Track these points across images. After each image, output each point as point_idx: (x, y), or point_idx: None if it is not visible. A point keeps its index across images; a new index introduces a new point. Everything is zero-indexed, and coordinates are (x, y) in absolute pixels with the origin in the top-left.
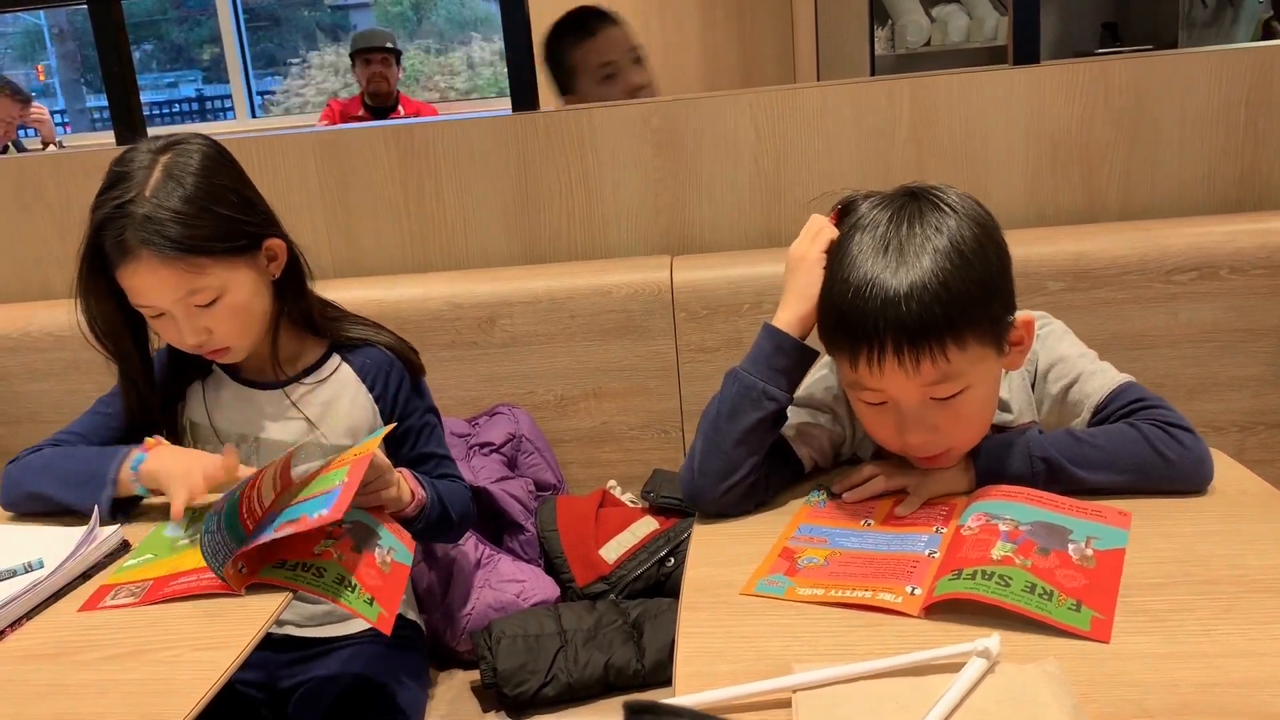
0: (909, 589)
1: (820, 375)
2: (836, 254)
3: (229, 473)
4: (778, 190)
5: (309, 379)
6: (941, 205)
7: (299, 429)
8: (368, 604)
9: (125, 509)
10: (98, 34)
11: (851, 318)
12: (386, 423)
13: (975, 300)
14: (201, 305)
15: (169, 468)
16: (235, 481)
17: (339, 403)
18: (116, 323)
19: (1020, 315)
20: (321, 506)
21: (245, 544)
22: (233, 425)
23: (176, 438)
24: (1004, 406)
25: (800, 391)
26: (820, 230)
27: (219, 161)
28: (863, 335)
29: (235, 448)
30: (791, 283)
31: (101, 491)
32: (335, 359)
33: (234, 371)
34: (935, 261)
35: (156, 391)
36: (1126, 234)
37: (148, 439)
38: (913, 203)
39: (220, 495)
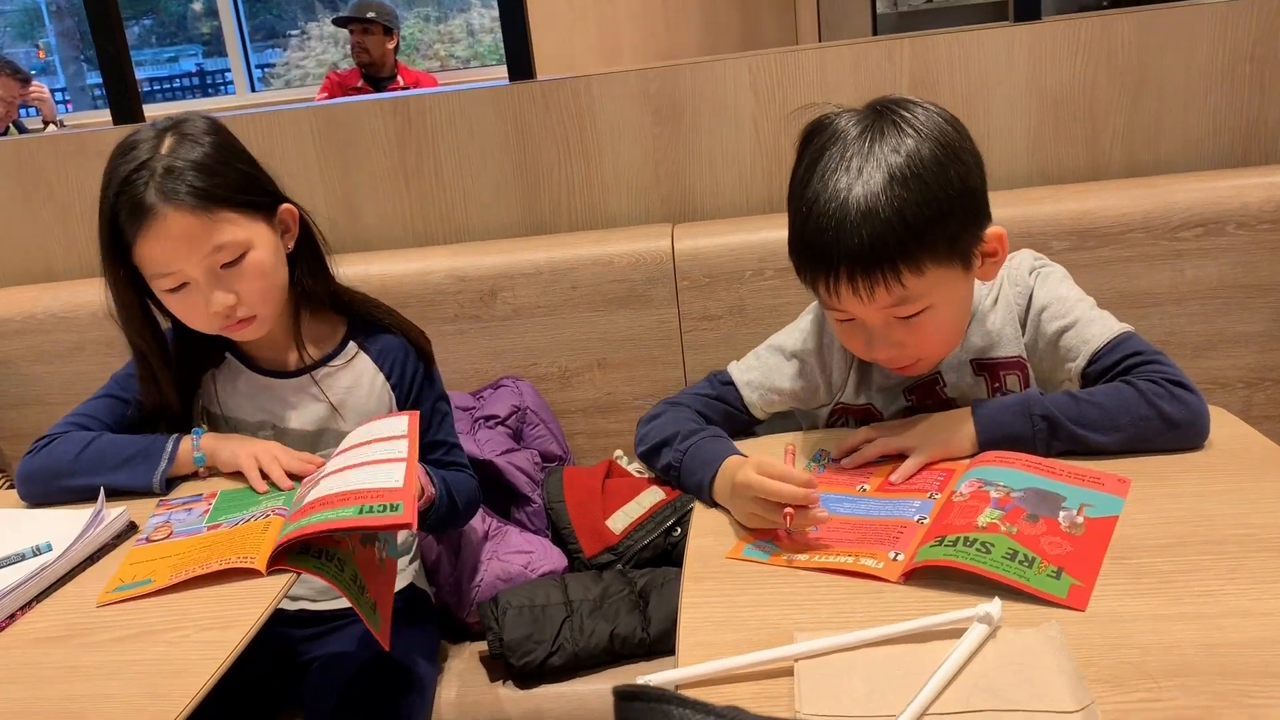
0: (892, 555)
1: (801, 325)
2: (805, 171)
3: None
4: (778, 155)
5: (329, 365)
6: (904, 124)
7: (319, 416)
8: (372, 610)
9: (169, 487)
10: (90, 14)
11: (808, 244)
12: (401, 410)
13: (930, 225)
14: (227, 265)
15: (236, 445)
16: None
17: (358, 390)
18: (136, 313)
19: (992, 229)
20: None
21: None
22: (251, 414)
23: (191, 428)
24: (987, 339)
25: (773, 340)
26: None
27: (224, 130)
28: (819, 262)
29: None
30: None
31: (157, 467)
32: (352, 346)
33: (249, 360)
34: (889, 188)
35: (175, 384)
36: (1131, 191)
37: (202, 423)
38: (878, 122)
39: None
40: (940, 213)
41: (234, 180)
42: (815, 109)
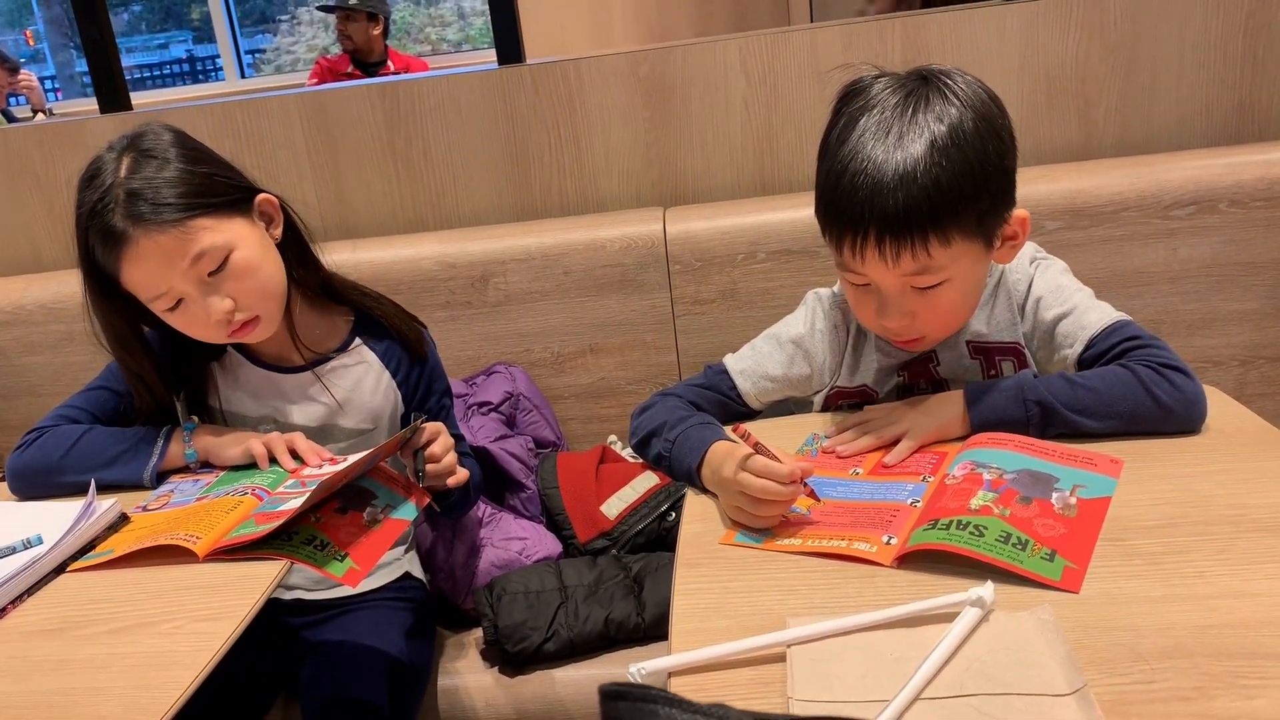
0: (885, 539)
1: (796, 315)
2: (842, 130)
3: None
4: (770, 136)
5: (334, 360)
6: (949, 93)
7: (323, 413)
8: (338, 560)
9: (160, 481)
10: (75, 0)
11: (840, 203)
12: (406, 407)
13: (964, 196)
14: (214, 271)
15: (229, 436)
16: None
17: (363, 387)
18: (129, 340)
19: (1017, 211)
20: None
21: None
22: (252, 409)
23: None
24: (986, 323)
25: (768, 330)
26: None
27: (183, 136)
28: (849, 221)
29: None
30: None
31: (147, 463)
32: (358, 341)
33: (252, 355)
34: (929, 155)
35: (169, 392)
36: (1124, 170)
37: (194, 417)
38: (922, 88)
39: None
40: (975, 187)
41: (199, 186)
42: (852, 70)
